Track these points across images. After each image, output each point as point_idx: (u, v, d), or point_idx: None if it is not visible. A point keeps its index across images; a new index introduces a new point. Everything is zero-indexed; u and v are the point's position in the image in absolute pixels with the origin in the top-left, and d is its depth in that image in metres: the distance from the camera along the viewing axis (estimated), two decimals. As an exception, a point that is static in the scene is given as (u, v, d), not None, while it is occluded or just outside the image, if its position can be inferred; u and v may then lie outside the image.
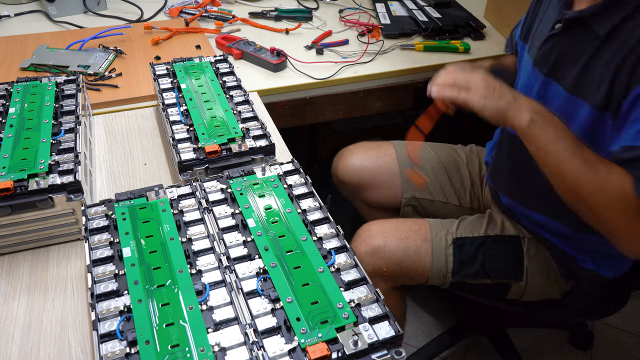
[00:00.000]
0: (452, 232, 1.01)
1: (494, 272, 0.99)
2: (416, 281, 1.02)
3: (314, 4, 1.53)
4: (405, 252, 0.99)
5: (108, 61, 1.15)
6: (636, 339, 1.55)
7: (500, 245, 1.01)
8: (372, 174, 1.19)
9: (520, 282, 1.00)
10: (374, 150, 1.21)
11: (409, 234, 1.01)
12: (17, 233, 0.73)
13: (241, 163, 0.80)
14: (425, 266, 0.99)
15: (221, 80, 0.97)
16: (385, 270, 0.99)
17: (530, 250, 1.00)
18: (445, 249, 0.99)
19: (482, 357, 1.49)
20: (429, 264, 0.99)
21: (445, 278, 1.00)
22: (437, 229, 1.02)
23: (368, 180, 1.19)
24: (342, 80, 1.21)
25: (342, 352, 0.53)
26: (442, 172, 1.18)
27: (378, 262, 0.99)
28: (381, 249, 0.99)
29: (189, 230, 0.67)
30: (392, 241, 0.99)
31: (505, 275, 1.00)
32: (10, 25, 1.34)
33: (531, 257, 1.00)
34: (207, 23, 1.40)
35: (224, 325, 0.55)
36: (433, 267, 0.99)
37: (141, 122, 1.02)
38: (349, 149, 1.24)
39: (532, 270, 1.00)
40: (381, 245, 0.99)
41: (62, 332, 0.65)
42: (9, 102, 0.86)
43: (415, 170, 1.15)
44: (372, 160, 1.20)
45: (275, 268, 0.61)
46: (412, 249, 0.99)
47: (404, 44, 1.33)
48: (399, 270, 0.99)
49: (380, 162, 1.19)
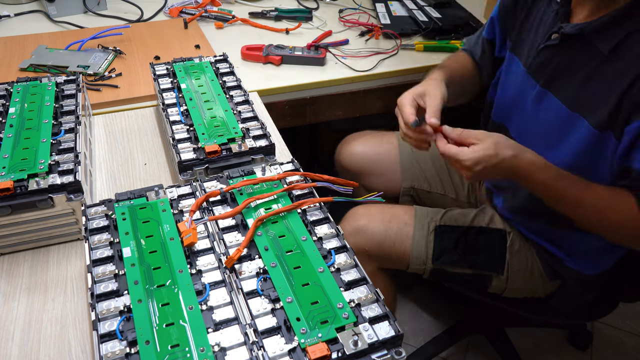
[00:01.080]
0: (435, 220, 1.03)
1: (473, 262, 1.00)
2: (398, 265, 1.04)
3: (314, 4, 1.53)
4: (386, 233, 1.01)
5: (107, 61, 1.15)
6: (636, 339, 1.55)
7: (482, 236, 1.02)
8: (373, 161, 1.21)
9: (501, 275, 1.00)
10: (377, 139, 1.23)
11: (392, 218, 1.02)
12: (17, 233, 0.73)
13: (241, 163, 0.80)
14: (405, 249, 1.01)
15: (221, 80, 0.97)
16: (366, 249, 1.01)
17: (514, 245, 1.01)
18: (427, 235, 1.01)
19: (481, 357, 1.50)
20: (409, 248, 1.01)
21: (426, 264, 1.01)
22: (422, 215, 1.04)
23: (369, 167, 1.21)
24: (342, 80, 1.21)
25: (342, 352, 0.53)
26: (443, 165, 1.19)
27: (360, 241, 1.01)
28: (364, 229, 1.02)
29: (189, 230, 0.66)
30: (375, 222, 1.02)
31: (484, 267, 1.01)
32: (10, 26, 1.34)
33: (514, 251, 1.00)
34: (207, 23, 1.40)
35: (224, 325, 0.55)
36: (413, 252, 1.01)
37: (141, 122, 1.02)
38: (353, 136, 1.26)
39: (513, 265, 1.00)
40: (364, 225, 1.02)
41: (62, 332, 0.65)
42: (9, 102, 0.86)
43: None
44: (374, 148, 1.22)
45: (275, 268, 0.61)
46: (394, 230, 1.02)
47: (404, 44, 1.33)
48: (379, 251, 1.02)
49: (382, 150, 1.22)
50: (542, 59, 0.86)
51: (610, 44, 0.76)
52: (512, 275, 1.00)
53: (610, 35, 0.76)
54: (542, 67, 0.86)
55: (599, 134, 0.79)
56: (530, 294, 1.04)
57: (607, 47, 0.76)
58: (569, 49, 0.83)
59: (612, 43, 0.76)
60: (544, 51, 0.86)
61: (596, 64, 0.78)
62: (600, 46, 0.77)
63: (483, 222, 1.03)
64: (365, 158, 1.22)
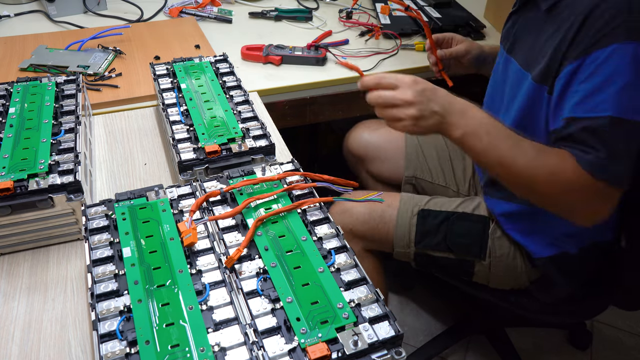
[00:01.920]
0: (419, 205, 1.05)
1: (455, 246, 1.02)
2: (383, 247, 1.08)
3: (314, 4, 1.53)
4: (370, 214, 1.06)
5: (107, 61, 1.15)
6: (636, 339, 1.55)
7: (465, 222, 1.03)
8: (378, 147, 1.26)
9: (483, 261, 1.01)
10: (384, 126, 1.23)
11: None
12: (17, 233, 0.73)
13: (241, 163, 0.80)
14: (389, 230, 1.05)
15: (221, 80, 0.97)
16: (351, 228, 1.07)
17: (495, 232, 1.02)
18: (410, 218, 1.04)
19: (481, 357, 1.50)
20: (392, 229, 1.05)
21: (409, 248, 1.04)
22: (407, 199, 1.07)
23: (374, 152, 1.27)
24: (342, 80, 1.21)
25: (342, 352, 0.53)
26: (447, 158, 1.21)
27: (345, 221, 1.07)
28: (349, 209, 1.08)
29: (189, 230, 0.66)
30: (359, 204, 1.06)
31: (466, 251, 1.02)
32: (10, 25, 1.34)
33: (495, 238, 1.01)
34: (207, 23, 1.40)
35: (224, 325, 0.55)
36: (396, 233, 1.04)
37: (141, 122, 1.02)
38: (363, 123, 1.32)
39: (495, 252, 1.01)
40: (349, 206, 1.07)
41: (62, 332, 0.65)
42: (9, 102, 0.86)
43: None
44: (380, 135, 1.27)
45: (275, 268, 0.61)
46: (378, 212, 1.06)
47: (404, 44, 1.33)
48: (364, 231, 1.07)
49: (388, 137, 1.26)
50: (508, 27, 0.92)
51: (548, 3, 0.80)
52: (494, 261, 1.01)
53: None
54: (508, 34, 0.92)
55: (537, 86, 0.81)
56: (516, 285, 1.04)
57: (546, 5, 0.81)
58: (524, 14, 0.88)
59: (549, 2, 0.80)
60: (509, 19, 0.91)
61: (540, 23, 0.82)
62: (542, 5, 0.82)
63: (468, 209, 1.05)
64: (371, 143, 1.26)
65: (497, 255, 1.01)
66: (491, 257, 1.01)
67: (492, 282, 1.04)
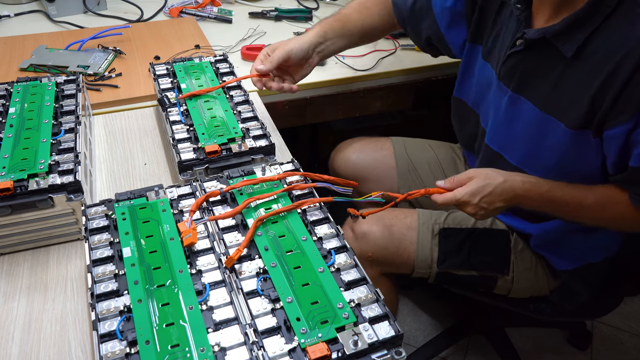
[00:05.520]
0: (439, 223, 1.02)
1: (479, 264, 1.00)
2: (402, 269, 1.03)
3: (314, 4, 1.53)
4: (390, 238, 1.00)
5: (107, 61, 1.15)
6: (636, 339, 1.55)
7: (487, 238, 1.01)
8: (368, 168, 1.20)
9: (507, 276, 1.00)
10: (371, 145, 1.22)
11: (394, 221, 1.01)
12: (17, 233, 0.73)
13: (241, 163, 0.80)
14: (410, 254, 1.00)
15: (221, 80, 0.97)
16: (370, 255, 1.00)
17: (517, 245, 1.01)
18: (431, 238, 1.00)
19: (481, 357, 1.50)
20: (413, 252, 1.00)
21: (431, 268, 1.00)
22: (425, 218, 1.02)
23: (364, 174, 1.20)
24: (342, 80, 1.21)
25: (342, 352, 0.53)
26: (439, 170, 1.18)
27: (364, 247, 1.00)
28: (367, 234, 1.00)
29: (189, 230, 0.66)
30: (377, 227, 1.00)
31: (491, 268, 1.01)
32: (10, 26, 1.34)
33: (518, 251, 1.00)
34: (207, 23, 1.40)
35: (224, 325, 0.55)
36: (418, 256, 1.00)
37: (141, 122, 1.02)
38: (347, 143, 1.25)
39: (518, 265, 1.00)
40: (366, 231, 1.00)
41: (62, 332, 0.65)
42: (9, 102, 0.86)
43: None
44: (369, 155, 1.21)
45: (275, 268, 0.61)
46: (397, 235, 1.00)
47: (404, 44, 1.33)
48: (384, 256, 1.00)
49: (377, 156, 1.20)
50: (509, 65, 0.86)
51: (572, 48, 0.76)
52: (517, 275, 1.00)
53: (571, 39, 0.76)
54: (511, 73, 0.86)
55: (575, 133, 0.80)
56: (536, 292, 1.04)
57: (570, 51, 0.77)
58: (534, 54, 0.83)
59: (573, 47, 0.76)
60: (510, 58, 0.86)
61: (562, 67, 0.79)
62: (564, 50, 0.78)
63: (486, 224, 1.03)
64: (360, 165, 1.20)
65: (520, 269, 1.00)
66: (514, 272, 1.00)
67: (512, 293, 1.03)
